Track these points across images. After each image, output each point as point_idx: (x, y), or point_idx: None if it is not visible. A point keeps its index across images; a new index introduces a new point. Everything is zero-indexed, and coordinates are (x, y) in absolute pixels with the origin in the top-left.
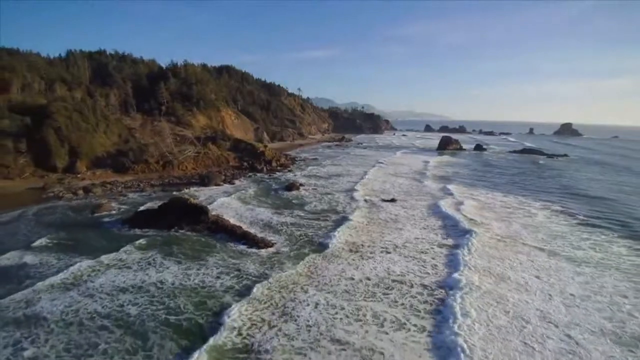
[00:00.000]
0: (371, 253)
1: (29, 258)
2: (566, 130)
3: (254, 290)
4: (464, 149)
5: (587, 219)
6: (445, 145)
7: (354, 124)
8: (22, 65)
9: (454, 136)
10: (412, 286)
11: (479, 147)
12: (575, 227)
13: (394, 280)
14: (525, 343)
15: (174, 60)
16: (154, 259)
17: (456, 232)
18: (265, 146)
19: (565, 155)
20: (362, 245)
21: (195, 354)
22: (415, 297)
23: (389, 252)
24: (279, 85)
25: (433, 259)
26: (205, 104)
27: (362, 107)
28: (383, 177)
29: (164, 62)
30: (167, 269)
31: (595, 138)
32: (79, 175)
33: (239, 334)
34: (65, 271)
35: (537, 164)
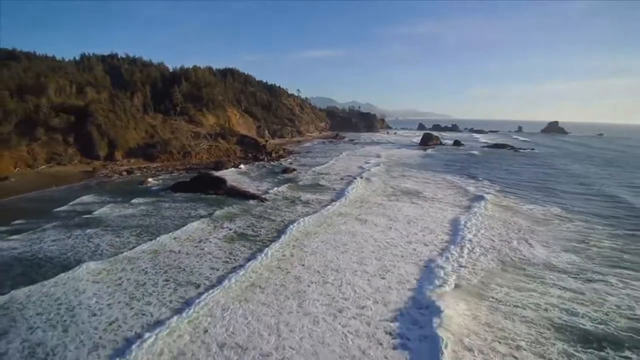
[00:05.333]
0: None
1: (104, 206)
2: (553, 128)
3: (260, 215)
4: (443, 144)
5: (455, 182)
6: (426, 142)
7: (350, 122)
8: (44, 69)
9: (446, 134)
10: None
11: (457, 143)
12: (434, 184)
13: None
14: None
15: (183, 64)
16: (198, 206)
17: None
18: (267, 140)
19: (530, 149)
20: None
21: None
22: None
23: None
24: (279, 87)
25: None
26: (214, 105)
27: (359, 107)
28: (342, 162)
29: (168, 63)
30: (212, 209)
31: (578, 135)
32: (117, 162)
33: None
34: (141, 209)
35: (473, 155)
